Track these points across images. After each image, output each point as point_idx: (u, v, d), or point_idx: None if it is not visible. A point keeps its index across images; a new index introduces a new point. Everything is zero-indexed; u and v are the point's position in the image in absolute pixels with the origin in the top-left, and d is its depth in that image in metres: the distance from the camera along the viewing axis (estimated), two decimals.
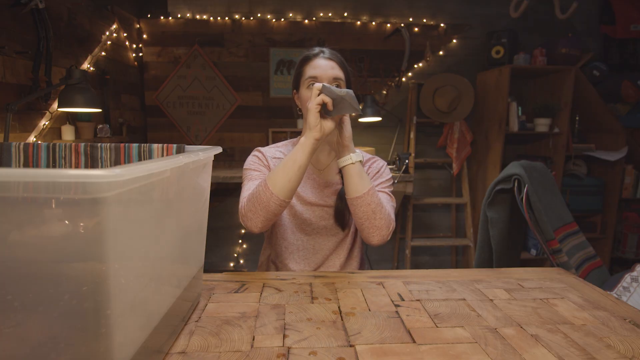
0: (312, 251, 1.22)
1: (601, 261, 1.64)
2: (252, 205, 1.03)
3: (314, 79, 1.15)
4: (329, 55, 1.19)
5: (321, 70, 1.16)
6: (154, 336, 0.58)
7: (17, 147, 0.81)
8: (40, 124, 1.93)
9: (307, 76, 1.17)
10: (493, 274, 1.04)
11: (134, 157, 0.83)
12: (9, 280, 0.43)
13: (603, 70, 3.03)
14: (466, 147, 3.15)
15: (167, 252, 0.63)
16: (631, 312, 0.83)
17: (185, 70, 3.11)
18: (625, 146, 2.98)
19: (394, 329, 0.74)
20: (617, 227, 3.16)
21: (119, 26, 2.70)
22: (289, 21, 3.11)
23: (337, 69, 1.17)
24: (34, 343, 0.45)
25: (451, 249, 3.47)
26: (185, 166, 0.63)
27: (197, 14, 3.06)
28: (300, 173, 1.02)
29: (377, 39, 3.18)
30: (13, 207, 0.41)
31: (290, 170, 1.01)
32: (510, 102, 2.92)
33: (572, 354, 0.66)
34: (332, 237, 1.24)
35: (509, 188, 1.54)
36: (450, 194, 3.39)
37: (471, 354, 0.65)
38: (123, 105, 2.80)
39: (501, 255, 1.63)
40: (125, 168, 0.41)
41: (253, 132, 3.20)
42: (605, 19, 3.23)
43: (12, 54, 1.73)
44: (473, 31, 3.21)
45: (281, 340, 0.69)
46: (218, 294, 0.88)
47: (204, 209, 0.82)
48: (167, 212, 0.60)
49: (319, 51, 1.20)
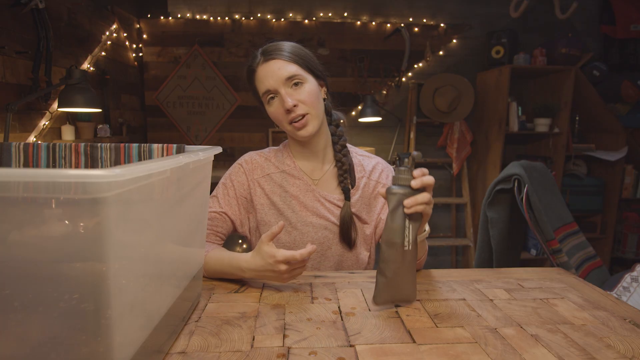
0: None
1: (601, 261, 1.64)
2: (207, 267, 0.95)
3: (269, 92, 1.00)
4: (271, 55, 1.00)
5: (270, 78, 0.98)
6: (154, 336, 0.58)
7: (17, 147, 0.81)
8: (40, 124, 1.93)
9: (261, 92, 1.02)
10: (493, 274, 1.04)
11: (134, 157, 0.83)
12: (9, 280, 0.43)
13: (603, 70, 3.03)
14: (466, 147, 3.15)
15: (167, 252, 0.63)
16: (631, 312, 0.83)
17: (185, 70, 3.11)
18: (625, 146, 2.98)
19: (394, 329, 0.74)
20: (617, 227, 3.16)
21: (119, 26, 2.70)
22: (289, 21, 3.11)
23: (285, 65, 0.98)
24: (34, 343, 0.45)
25: (451, 249, 3.47)
26: (185, 166, 0.63)
27: (197, 14, 3.06)
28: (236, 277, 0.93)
29: (377, 39, 3.18)
30: (13, 207, 0.41)
31: (225, 274, 0.94)
32: (510, 102, 2.92)
33: (572, 354, 0.66)
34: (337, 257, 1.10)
35: (509, 188, 1.54)
36: (450, 194, 3.39)
37: (471, 354, 0.65)
38: (123, 105, 2.80)
39: (501, 255, 1.63)
40: (125, 168, 0.41)
41: (253, 132, 3.20)
42: (605, 19, 3.23)
43: (12, 54, 1.73)
44: (473, 31, 3.21)
45: (281, 340, 0.69)
46: (218, 294, 0.88)
47: (204, 209, 0.82)
48: (167, 212, 0.60)
49: (259, 56, 1.02)
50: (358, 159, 1.16)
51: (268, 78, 0.99)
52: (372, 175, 1.13)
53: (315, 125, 1.02)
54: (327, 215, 1.08)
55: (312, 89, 1.01)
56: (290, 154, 1.13)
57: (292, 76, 0.99)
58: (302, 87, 1.00)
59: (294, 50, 1.01)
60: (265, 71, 0.99)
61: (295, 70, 0.99)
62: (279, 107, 1.01)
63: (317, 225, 1.08)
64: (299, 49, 1.03)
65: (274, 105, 1.01)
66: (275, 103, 1.01)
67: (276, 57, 0.99)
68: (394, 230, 0.76)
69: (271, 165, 1.12)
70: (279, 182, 1.10)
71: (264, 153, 1.15)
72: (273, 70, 0.99)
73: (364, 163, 1.15)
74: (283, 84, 0.98)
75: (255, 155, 1.14)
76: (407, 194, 0.76)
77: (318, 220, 1.08)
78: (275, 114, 1.02)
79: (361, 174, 1.13)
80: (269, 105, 1.02)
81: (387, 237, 0.77)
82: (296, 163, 1.11)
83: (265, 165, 1.12)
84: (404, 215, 0.76)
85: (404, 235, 0.76)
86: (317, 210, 1.08)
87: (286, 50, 1.00)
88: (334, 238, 1.08)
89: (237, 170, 1.11)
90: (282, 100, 0.99)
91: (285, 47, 1.01)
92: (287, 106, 0.98)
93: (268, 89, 1.00)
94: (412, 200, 0.75)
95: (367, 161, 1.16)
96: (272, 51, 1.00)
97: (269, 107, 1.03)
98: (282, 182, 1.10)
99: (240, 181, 1.10)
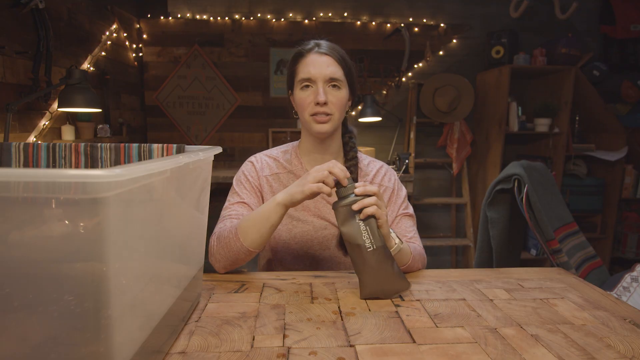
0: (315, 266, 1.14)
1: (601, 261, 1.64)
2: (222, 249, 0.96)
3: (308, 80, 1.02)
4: (325, 50, 1.03)
5: (316, 69, 1.01)
6: (154, 336, 0.58)
7: (17, 147, 0.81)
8: (40, 124, 1.93)
9: (300, 77, 1.04)
10: (493, 274, 1.04)
11: (134, 157, 0.83)
12: (9, 280, 0.43)
13: (603, 70, 3.03)
14: (466, 147, 3.15)
15: (167, 252, 0.63)
16: (631, 312, 0.83)
17: (185, 70, 3.11)
18: (625, 146, 2.98)
19: (394, 329, 0.74)
20: (617, 227, 3.16)
21: (119, 26, 2.70)
22: (289, 21, 3.11)
23: (334, 66, 1.02)
24: (34, 343, 0.45)
25: (451, 249, 3.47)
26: (185, 166, 0.63)
27: (197, 14, 3.06)
28: (272, 230, 0.93)
29: (377, 39, 3.18)
30: (13, 207, 0.41)
31: (262, 227, 0.92)
32: (510, 102, 2.92)
33: (572, 354, 0.66)
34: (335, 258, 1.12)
35: (509, 188, 1.54)
36: (450, 194, 3.39)
37: (471, 354, 0.65)
38: (123, 105, 2.80)
39: (501, 255, 1.63)
40: (125, 168, 0.41)
41: (253, 132, 3.20)
42: (605, 19, 3.23)
43: (12, 54, 1.73)
44: (473, 31, 3.22)
45: (281, 340, 0.69)
46: (218, 294, 0.88)
47: (204, 209, 0.82)
48: (167, 212, 0.60)
49: (314, 45, 1.05)
50: (364, 163, 1.18)
51: (316, 68, 1.02)
52: (375, 179, 1.16)
53: (332, 126, 1.06)
54: (328, 217, 1.11)
55: (344, 97, 1.06)
56: (298, 156, 1.15)
57: (335, 79, 1.02)
58: (338, 91, 1.04)
59: (346, 58, 1.06)
60: (315, 61, 1.02)
61: (340, 75, 1.03)
62: (310, 96, 1.03)
63: (318, 226, 1.11)
64: (349, 59, 1.07)
65: (306, 93, 1.04)
66: (308, 91, 1.04)
67: (329, 54, 1.03)
68: (351, 235, 0.84)
69: (279, 165, 1.14)
70: (286, 182, 1.12)
71: (272, 154, 1.17)
72: (321, 63, 1.02)
73: (369, 168, 1.17)
74: (324, 80, 1.02)
75: (263, 155, 1.16)
76: (354, 201, 0.83)
77: (319, 221, 1.11)
78: (302, 101, 1.04)
79: (365, 178, 1.16)
80: (302, 90, 1.04)
81: (348, 241, 0.85)
82: (304, 165, 1.14)
83: (273, 165, 1.14)
84: (357, 221, 0.84)
85: (364, 239, 0.83)
86: (320, 212, 1.11)
87: (339, 54, 1.05)
88: (332, 239, 1.11)
89: (249, 167, 1.14)
90: (316, 92, 1.02)
91: (339, 50, 1.06)
92: (319, 99, 1.01)
93: (309, 77, 1.02)
94: (359, 204, 0.83)
95: (371, 166, 1.18)
96: (327, 48, 1.04)
97: (301, 92, 1.04)
98: (289, 183, 1.11)
99: (252, 175, 1.13)
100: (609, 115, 2.98)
